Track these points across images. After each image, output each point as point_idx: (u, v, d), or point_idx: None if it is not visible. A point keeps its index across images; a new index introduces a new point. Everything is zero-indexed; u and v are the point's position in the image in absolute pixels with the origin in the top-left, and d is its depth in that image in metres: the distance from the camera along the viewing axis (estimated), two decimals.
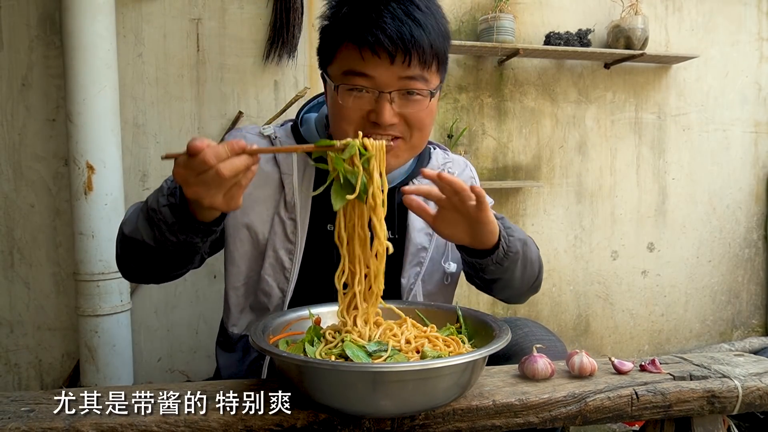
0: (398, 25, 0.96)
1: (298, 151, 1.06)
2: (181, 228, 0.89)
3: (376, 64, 0.98)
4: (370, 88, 1.00)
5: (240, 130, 1.21)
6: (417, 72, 0.99)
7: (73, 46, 1.92)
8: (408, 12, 0.97)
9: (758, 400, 0.85)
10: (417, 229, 1.16)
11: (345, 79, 1.01)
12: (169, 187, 0.92)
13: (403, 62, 0.98)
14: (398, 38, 0.96)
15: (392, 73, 0.98)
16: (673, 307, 2.91)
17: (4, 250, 2.16)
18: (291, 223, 1.12)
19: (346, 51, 1.00)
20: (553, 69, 2.65)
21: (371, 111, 1.01)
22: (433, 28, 1.00)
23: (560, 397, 0.79)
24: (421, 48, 0.98)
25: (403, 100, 1.01)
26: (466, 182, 1.12)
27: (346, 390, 0.71)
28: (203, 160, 0.77)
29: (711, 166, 2.89)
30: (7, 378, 2.20)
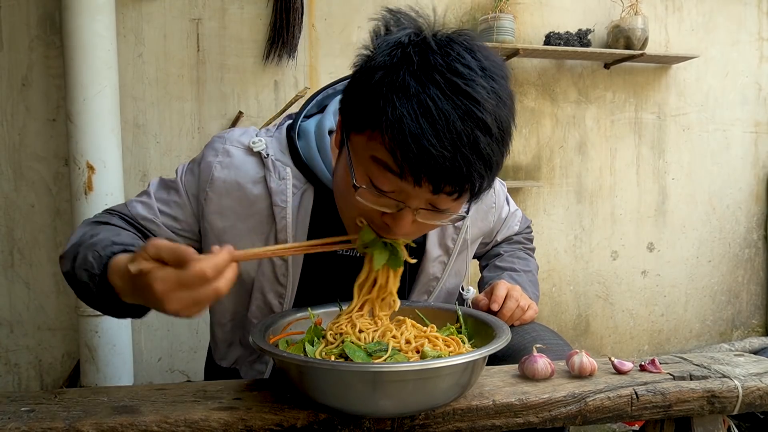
0: (458, 161, 0.73)
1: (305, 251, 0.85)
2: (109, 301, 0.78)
3: (416, 186, 0.76)
4: (396, 198, 0.80)
5: (223, 140, 1.01)
6: (455, 199, 0.80)
7: (73, 46, 1.92)
8: (475, 141, 0.73)
9: (758, 400, 0.85)
10: (432, 258, 1.08)
11: (370, 168, 0.79)
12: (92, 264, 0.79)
13: (449, 195, 0.77)
14: (451, 177, 0.74)
15: (428, 196, 0.78)
16: (673, 307, 2.91)
17: (4, 250, 2.16)
18: (282, 264, 0.99)
19: (381, 146, 0.76)
20: (553, 69, 2.65)
21: (387, 214, 0.82)
22: (498, 157, 0.77)
23: (560, 397, 0.79)
24: (476, 186, 0.77)
25: (430, 213, 0.82)
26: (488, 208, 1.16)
27: (346, 390, 0.71)
28: (202, 276, 0.65)
29: (711, 166, 2.89)
30: (7, 378, 2.20)
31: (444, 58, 0.75)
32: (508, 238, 1.33)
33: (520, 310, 1.05)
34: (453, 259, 1.10)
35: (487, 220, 1.18)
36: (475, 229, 1.15)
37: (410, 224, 0.82)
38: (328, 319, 0.93)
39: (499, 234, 1.29)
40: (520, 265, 1.23)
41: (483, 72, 0.76)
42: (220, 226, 0.98)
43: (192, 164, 1.04)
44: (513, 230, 1.31)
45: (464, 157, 0.73)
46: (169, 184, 1.03)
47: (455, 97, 0.73)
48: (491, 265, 1.27)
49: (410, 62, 0.76)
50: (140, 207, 1.01)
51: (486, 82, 0.75)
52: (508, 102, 0.79)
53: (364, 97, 0.79)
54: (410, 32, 0.79)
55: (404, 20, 0.82)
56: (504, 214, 1.27)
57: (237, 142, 1.01)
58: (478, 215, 1.14)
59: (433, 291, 1.11)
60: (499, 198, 1.21)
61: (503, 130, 0.77)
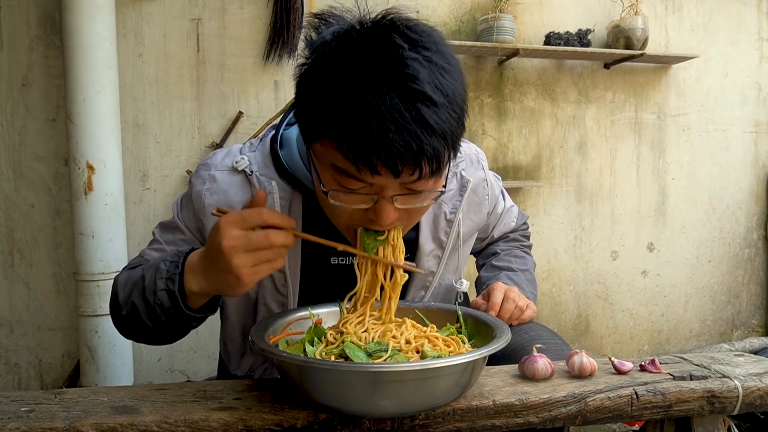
0: (406, 139, 0.72)
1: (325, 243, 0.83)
2: (176, 314, 0.83)
3: (375, 176, 0.76)
4: (367, 194, 0.80)
5: (207, 166, 1.04)
6: (427, 178, 0.79)
7: (73, 46, 1.92)
8: (419, 115, 0.72)
9: (758, 400, 0.85)
10: (426, 252, 1.08)
11: (336, 175, 0.80)
12: (168, 270, 0.83)
13: (411, 174, 0.76)
14: (407, 155, 0.73)
15: (396, 181, 0.78)
16: (673, 307, 2.91)
17: (4, 250, 2.16)
18: (280, 275, 1.02)
19: (333, 149, 0.77)
20: (553, 69, 2.65)
21: (369, 209, 0.82)
22: (450, 122, 0.75)
23: (560, 397, 0.79)
24: (434, 159, 0.75)
25: (407, 197, 0.81)
26: (478, 186, 1.13)
27: (346, 390, 0.71)
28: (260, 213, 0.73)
29: (711, 166, 2.89)
30: (7, 378, 2.20)
31: (368, 45, 0.75)
32: (504, 236, 1.32)
33: (519, 310, 1.05)
34: (447, 253, 1.10)
35: (481, 212, 1.16)
36: (469, 222, 1.14)
37: (394, 213, 0.81)
38: (328, 319, 0.93)
39: (495, 229, 1.28)
40: (517, 263, 1.23)
41: (411, 45, 0.75)
42: None
43: (184, 199, 1.07)
44: (509, 226, 1.31)
45: (411, 134, 0.72)
46: (170, 226, 1.07)
47: (388, 80, 0.72)
48: (488, 264, 1.27)
49: (336, 59, 0.76)
50: (155, 253, 1.04)
51: (416, 53, 0.74)
52: (447, 67, 0.77)
53: (307, 108, 0.80)
54: (335, 29, 0.79)
55: (331, 20, 0.83)
56: (499, 209, 1.26)
57: (221, 165, 1.03)
58: (471, 208, 1.13)
59: (430, 286, 1.11)
60: (493, 191, 1.19)
61: (448, 95, 0.75)
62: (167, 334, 0.93)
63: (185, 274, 0.81)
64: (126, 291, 0.92)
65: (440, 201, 1.07)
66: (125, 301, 0.91)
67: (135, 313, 0.89)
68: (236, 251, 0.72)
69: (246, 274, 0.73)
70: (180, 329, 0.91)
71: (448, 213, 1.09)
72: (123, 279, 0.95)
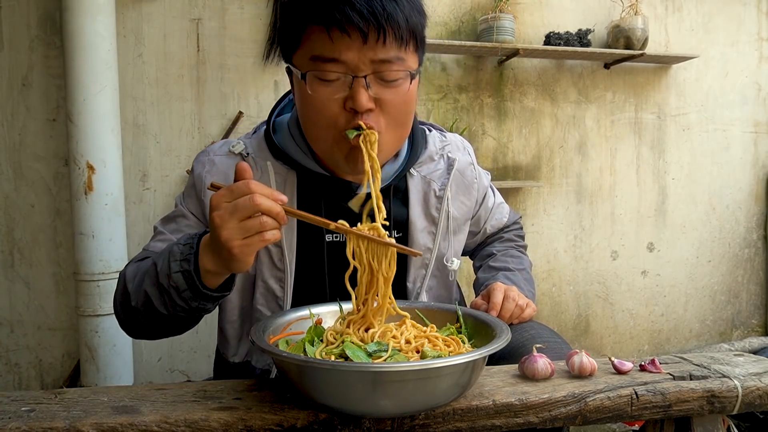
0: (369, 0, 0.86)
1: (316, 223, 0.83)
2: (193, 296, 0.84)
3: (347, 45, 0.88)
4: (342, 73, 0.90)
5: (206, 152, 1.11)
6: (393, 53, 0.90)
7: (73, 46, 1.92)
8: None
9: (758, 400, 0.85)
10: (419, 229, 1.11)
11: (313, 66, 0.91)
12: (182, 252, 0.84)
13: (377, 41, 0.88)
14: (369, 13, 0.86)
15: (365, 55, 0.89)
16: (673, 307, 2.91)
17: (4, 250, 2.16)
18: (277, 250, 1.05)
19: (312, 34, 0.90)
20: (553, 69, 2.65)
21: (346, 98, 0.91)
22: (407, 1, 0.91)
23: (560, 397, 0.79)
24: (395, 23, 0.88)
25: (380, 86, 0.92)
26: (465, 169, 1.18)
27: (346, 390, 0.71)
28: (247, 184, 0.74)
29: (711, 166, 2.89)
30: (7, 378, 2.20)
31: None
32: (499, 236, 1.34)
33: (519, 309, 1.06)
34: (441, 231, 1.13)
35: (471, 196, 1.19)
36: (459, 203, 1.17)
37: (369, 100, 0.91)
38: (328, 318, 0.93)
39: (487, 224, 1.30)
40: (513, 263, 1.24)
41: None
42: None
43: (186, 189, 1.11)
44: (502, 222, 1.33)
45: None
46: (173, 216, 1.10)
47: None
48: (485, 265, 1.28)
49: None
50: (160, 244, 1.04)
51: None
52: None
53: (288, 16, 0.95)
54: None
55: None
56: (490, 203, 1.29)
57: (218, 151, 1.10)
58: (459, 189, 1.16)
59: (429, 264, 1.13)
60: (482, 179, 1.24)
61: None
62: (179, 323, 0.93)
63: (200, 254, 0.82)
64: (136, 282, 0.92)
65: (429, 179, 1.13)
66: (136, 291, 0.91)
67: (147, 303, 0.89)
68: (225, 222, 0.74)
69: (236, 247, 0.74)
70: (193, 314, 0.90)
71: (437, 190, 1.13)
72: (131, 271, 0.96)
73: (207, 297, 0.85)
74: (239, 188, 0.75)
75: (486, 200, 1.27)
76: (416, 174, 1.12)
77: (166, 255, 0.86)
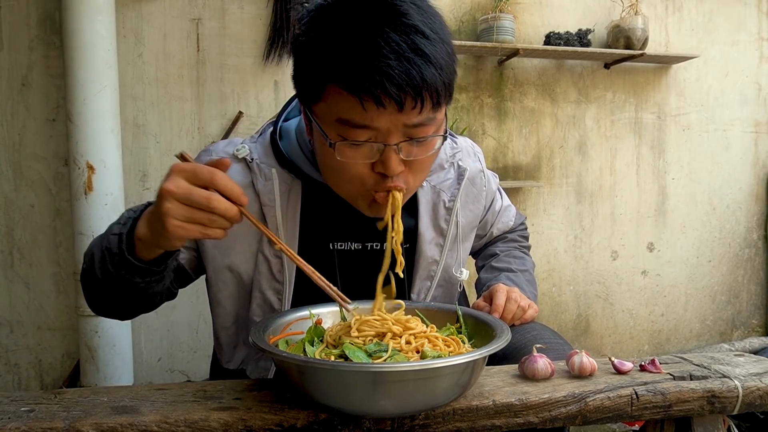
0: (406, 66, 0.77)
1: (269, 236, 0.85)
2: (120, 261, 0.81)
3: (380, 113, 0.79)
4: (374, 141, 0.83)
5: (209, 152, 1.06)
6: (427, 115, 0.83)
7: (73, 46, 1.92)
8: (414, 45, 0.78)
9: (758, 400, 0.85)
10: (427, 240, 1.08)
11: (341, 130, 0.83)
12: (127, 216, 0.82)
13: (413, 108, 0.80)
14: (408, 84, 0.77)
15: (398, 121, 0.81)
16: (673, 307, 2.91)
17: (4, 250, 2.16)
18: (277, 261, 1.01)
19: (339, 96, 0.81)
20: (553, 69, 2.65)
21: (375, 162, 0.86)
22: (443, 57, 0.82)
23: (560, 397, 0.79)
24: (434, 90, 0.80)
25: (411, 146, 0.86)
26: (475, 177, 1.15)
27: (346, 390, 0.71)
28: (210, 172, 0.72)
29: (711, 166, 2.89)
30: (7, 378, 2.20)
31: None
32: (503, 237, 1.33)
33: (521, 310, 1.05)
34: (449, 242, 1.11)
35: (479, 204, 1.17)
36: (467, 212, 1.15)
37: (400, 164, 0.85)
38: (328, 319, 0.93)
39: (494, 227, 1.29)
40: (516, 264, 1.24)
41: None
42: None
43: None
44: (508, 225, 1.32)
45: (411, 62, 0.78)
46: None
47: (382, 17, 0.79)
48: (488, 266, 1.27)
49: (330, 14, 0.82)
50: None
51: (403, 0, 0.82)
52: (433, 12, 0.85)
53: (306, 66, 0.85)
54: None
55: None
56: (497, 207, 1.27)
57: (222, 152, 1.05)
58: (468, 198, 1.14)
59: (435, 276, 1.11)
60: (490, 185, 1.21)
61: (437, 32, 0.82)
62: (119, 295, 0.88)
63: (140, 219, 0.79)
64: (92, 243, 0.91)
65: (439, 189, 1.09)
66: (87, 252, 0.90)
67: (91, 266, 0.87)
68: (172, 197, 0.71)
69: (173, 225, 0.71)
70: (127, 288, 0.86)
71: (447, 201, 1.10)
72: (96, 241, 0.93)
73: (133, 267, 0.81)
74: (203, 175, 0.72)
75: (494, 204, 1.26)
76: (426, 183, 1.09)
77: (118, 219, 0.85)
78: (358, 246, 1.06)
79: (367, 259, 1.06)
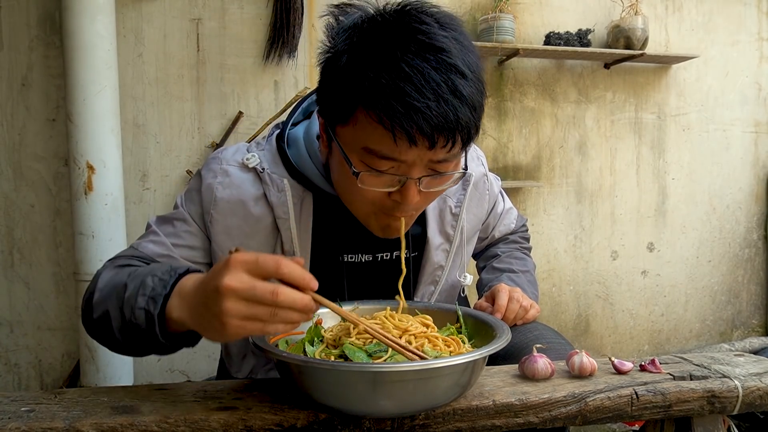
0: (443, 108, 0.75)
1: (356, 323, 0.80)
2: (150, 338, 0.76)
3: (410, 149, 0.78)
4: (396, 174, 0.82)
5: (219, 160, 1.02)
6: (455, 152, 0.82)
7: (73, 46, 1.92)
8: (453, 86, 0.76)
9: (758, 400, 0.85)
10: (435, 246, 1.09)
11: (365, 157, 0.81)
12: (153, 288, 0.74)
13: (443, 147, 0.79)
14: (443, 125, 0.76)
15: (425, 156, 0.80)
16: (673, 307, 2.91)
17: (4, 250, 2.16)
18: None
19: (368, 124, 0.78)
20: (553, 69, 2.65)
21: (393, 192, 0.85)
22: (478, 98, 0.80)
23: (560, 397, 0.79)
24: (466, 131, 0.79)
25: (431, 179, 0.85)
26: (479, 181, 1.15)
27: (346, 390, 0.71)
28: (274, 292, 0.63)
29: (711, 166, 2.89)
30: (7, 378, 2.20)
31: (400, 24, 0.79)
32: (504, 238, 1.33)
33: (523, 310, 1.05)
34: (455, 248, 1.11)
35: (482, 207, 1.18)
36: (472, 216, 1.15)
37: (417, 195, 0.84)
38: (329, 319, 0.93)
39: (495, 230, 1.29)
40: (517, 265, 1.24)
41: (440, 25, 0.80)
42: (228, 245, 0.99)
43: (189, 192, 1.04)
44: (509, 228, 1.32)
45: (448, 103, 0.76)
46: (172, 218, 1.02)
47: (423, 52, 0.77)
48: (489, 266, 1.27)
49: (370, 37, 0.79)
50: (153, 246, 0.99)
51: (445, 32, 0.79)
52: (471, 47, 0.83)
53: (338, 86, 0.82)
54: (360, 14, 0.83)
55: (351, 10, 0.86)
56: (499, 209, 1.28)
57: (232, 160, 1.02)
58: (473, 202, 1.15)
59: (439, 281, 1.11)
60: (493, 188, 1.21)
61: (474, 71, 0.80)
62: (136, 352, 0.84)
63: (172, 297, 0.73)
64: (103, 294, 0.83)
65: (445, 195, 1.09)
66: (99, 304, 0.83)
67: (106, 322, 0.81)
68: (233, 295, 0.63)
69: (233, 325, 0.64)
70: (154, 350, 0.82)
71: (453, 207, 1.10)
72: (105, 279, 0.87)
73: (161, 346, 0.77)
74: (268, 266, 0.64)
75: (496, 207, 1.26)
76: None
77: (138, 283, 0.76)
78: (369, 257, 1.06)
79: (378, 270, 1.06)
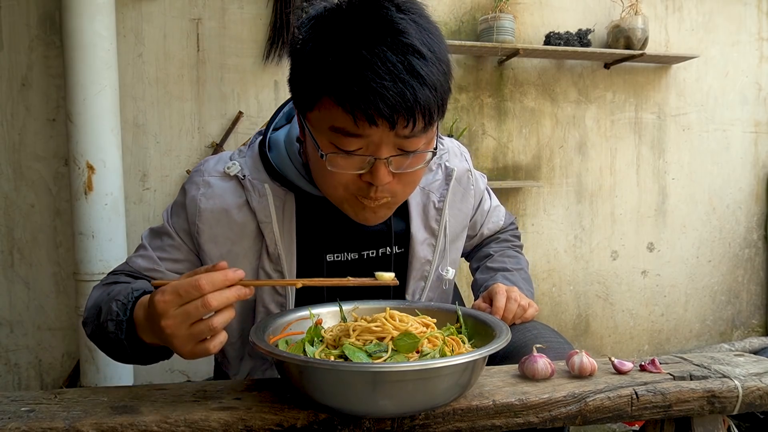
0: (400, 88, 0.77)
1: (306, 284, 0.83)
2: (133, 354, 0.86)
3: (372, 129, 0.80)
4: (364, 154, 0.84)
5: (200, 173, 1.05)
6: (419, 131, 0.83)
7: (73, 46, 1.92)
8: (410, 66, 0.78)
9: (758, 400, 0.85)
10: (420, 241, 1.10)
11: (333, 138, 0.84)
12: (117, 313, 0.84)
13: (405, 126, 0.80)
14: (401, 105, 0.78)
15: (389, 135, 0.82)
16: (673, 307, 2.91)
17: (4, 250, 2.16)
18: (278, 275, 1.03)
19: (332, 107, 0.81)
20: (553, 69, 2.65)
21: (364, 172, 0.86)
22: (438, 78, 0.81)
23: (560, 397, 0.79)
24: (427, 110, 0.80)
25: (401, 158, 0.86)
26: (462, 176, 1.16)
27: (346, 390, 0.71)
28: (196, 285, 0.70)
29: (711, 166, 2.89)
30: (7, 378, 2.20)
31: (360, 11, 0.81)
32: (495, 237, 1.34)
33: (522, 309, 1.05)
34: (440, 242, 1.12)
35: (467, 202, 1.18)
36: (456, 211, 1.16)
37: (388, 175, 0.86)
38: (329, 319, 0.93)
39: (484, 227, 1.30)
40: (511, 263, 1.24)
41: (398, 8, 0.82)
42: (216, 254, 1.02)
43: (175, 206, 1.07)
44: (498, 225, 1.33)
45: (405, 83, 0.78)
46: (159, 231, 1.07)
47: (380, 35, 0.79)
48: (483, 266, 1.27)
49: (332, 25, 0.82)
50: (141, 260, 1.04)
51: (404, 15, 0.81)
52: (432, 29, 0.84)
53: (304, 74, 0.85)
54: (324, 4, 0.86)
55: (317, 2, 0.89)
56: (486, 206, 1.29)
57: (214, 171, 1.05)
58: (456, 197, 1.15)
59: (429, 276, 1.12)
60: (478, 184, 1.22)
61: (434, 51, 0.81)
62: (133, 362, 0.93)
63: (135, 319, 0.82)
64: (88, 315, 0.94)
65: (428, 191, 1.11)
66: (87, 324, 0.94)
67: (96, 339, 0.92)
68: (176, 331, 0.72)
69: (188, 353, 0.74)
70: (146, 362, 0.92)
71: (437, 202, 1.11)
72: (93, 299, 0.97)
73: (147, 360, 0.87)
74: (188, 291, 0.71)
75: (482, 204, 1.27)
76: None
77: (107, 307, 0.86)
78: (355, 256, 1.07)
79: (364, 268, 1.07)
